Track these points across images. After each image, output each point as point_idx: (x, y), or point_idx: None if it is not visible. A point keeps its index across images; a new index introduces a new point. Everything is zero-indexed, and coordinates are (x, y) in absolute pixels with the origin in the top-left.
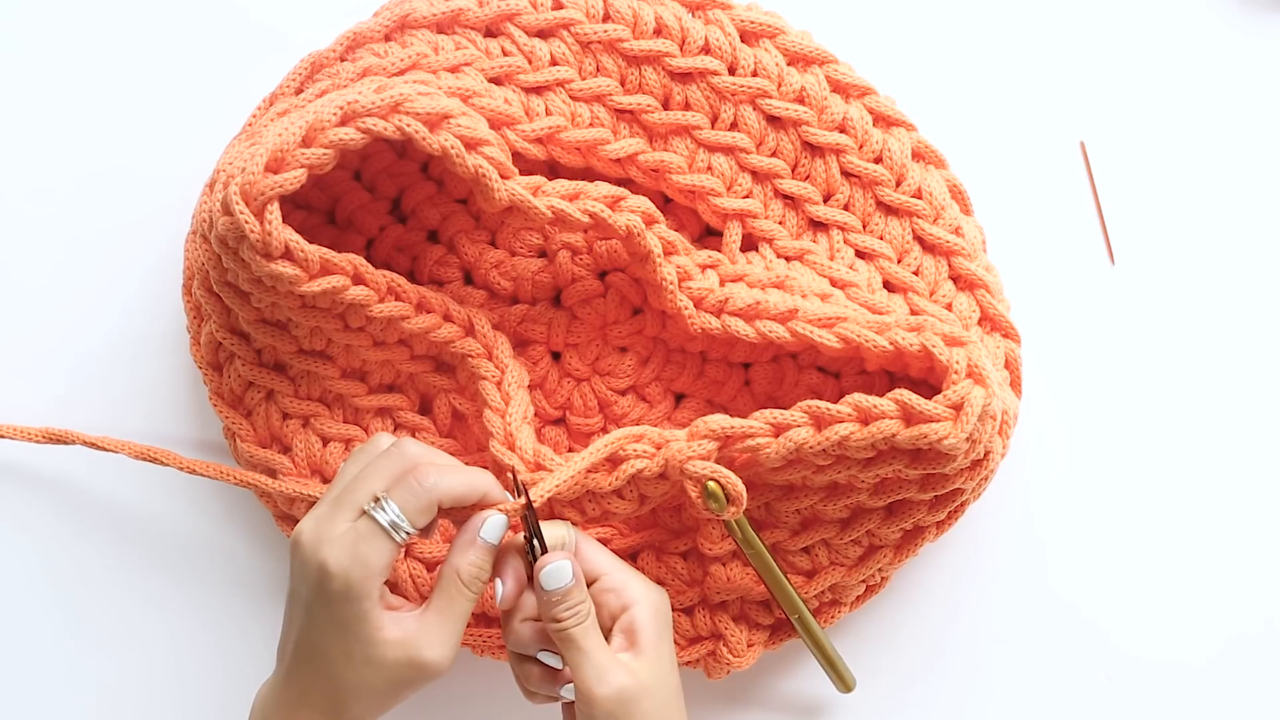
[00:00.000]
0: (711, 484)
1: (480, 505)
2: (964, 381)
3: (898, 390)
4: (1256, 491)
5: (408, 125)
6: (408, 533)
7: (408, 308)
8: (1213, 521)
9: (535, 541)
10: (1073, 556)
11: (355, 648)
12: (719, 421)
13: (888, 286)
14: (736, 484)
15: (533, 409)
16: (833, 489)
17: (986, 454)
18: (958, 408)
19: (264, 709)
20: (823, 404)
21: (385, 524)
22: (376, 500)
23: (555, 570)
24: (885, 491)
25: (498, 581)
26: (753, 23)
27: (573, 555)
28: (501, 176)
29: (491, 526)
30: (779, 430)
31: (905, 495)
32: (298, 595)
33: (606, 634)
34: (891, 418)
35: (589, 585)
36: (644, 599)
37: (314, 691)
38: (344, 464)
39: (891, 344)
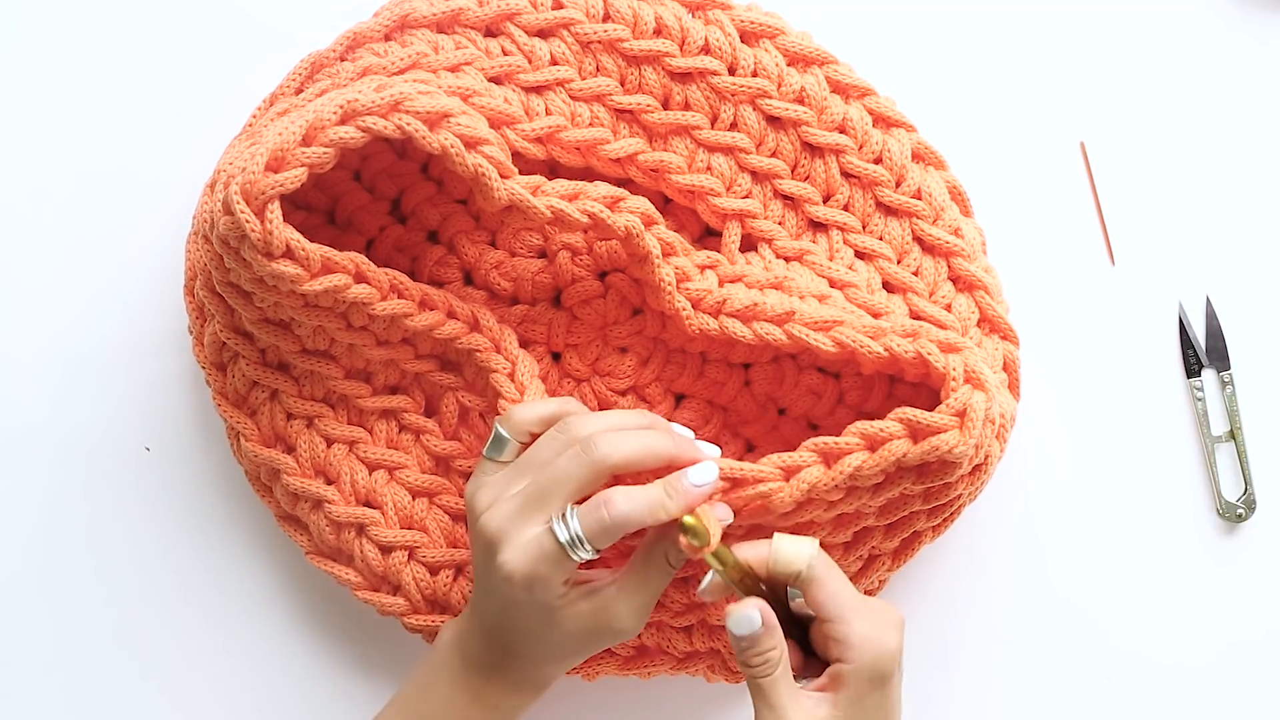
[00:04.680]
0: (689, 519)
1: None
2: (964, 388)
3: (899, 409)
4: (1256, 493)
5: (408, 124)
6: (586, 555)
7: (410, 305)
8: (1213, 522)
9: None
10: (1072, 557)
11: (544, 632)
12: (726, 464)
13: (887, 287)
14: (708, 522)
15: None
16: (840, 520)
17: (986, 458)
18: (961, 414)
19: (464, 656)
20: (829, 439)
21: (564, 540)
22: (564, 516)
23: (742, 619)
24: (890, 511)
25: (709, 574)
26: (753, 23)
27: (761, 608)
28: (501, 176)
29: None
30: (789, 473)
31: (910, 510)
32: (481, 573)
33: (821, 669)
34: (899, 438)
35: (820, 623)
36: (859, 658)
37: (509, 657)
38: (536, 444)
39: (887, 350)
